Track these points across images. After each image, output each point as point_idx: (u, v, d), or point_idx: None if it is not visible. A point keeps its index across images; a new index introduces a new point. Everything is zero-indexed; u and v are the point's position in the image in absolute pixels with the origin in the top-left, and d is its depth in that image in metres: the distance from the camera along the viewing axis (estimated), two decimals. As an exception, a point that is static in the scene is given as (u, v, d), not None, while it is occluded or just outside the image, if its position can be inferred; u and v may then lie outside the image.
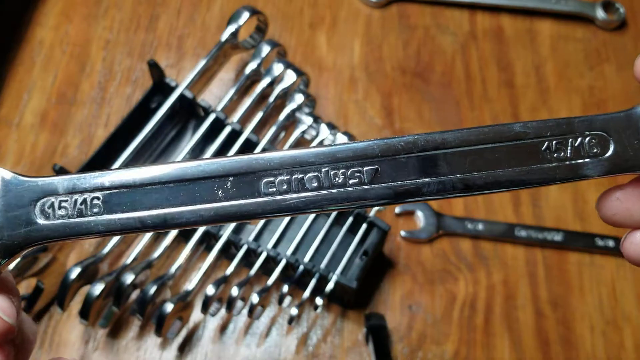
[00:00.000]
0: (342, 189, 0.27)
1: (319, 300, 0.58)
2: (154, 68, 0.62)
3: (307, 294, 0.58)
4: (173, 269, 0.55)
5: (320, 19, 0.78)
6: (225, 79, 0.72)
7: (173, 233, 0.57)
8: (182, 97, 0.62)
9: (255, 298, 0.56)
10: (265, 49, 0.66)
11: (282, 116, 0.64)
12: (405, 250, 0.65)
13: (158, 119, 0.60)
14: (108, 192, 0.27)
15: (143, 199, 0.27)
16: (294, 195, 0.27)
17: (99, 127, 0.67)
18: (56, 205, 0.27)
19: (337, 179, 0.27)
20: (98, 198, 0.27)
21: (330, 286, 0.57)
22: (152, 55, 0.72)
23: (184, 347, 0.59)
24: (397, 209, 0.66)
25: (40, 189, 0.27)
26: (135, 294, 0.57)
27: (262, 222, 0.61)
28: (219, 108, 0.63)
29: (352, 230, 0.62)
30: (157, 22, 0.75)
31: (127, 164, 0.57)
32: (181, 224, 0.27)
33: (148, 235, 0.57)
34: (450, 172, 0.27)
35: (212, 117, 0.62)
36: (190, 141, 0.61)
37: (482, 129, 0.28)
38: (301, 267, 0.58)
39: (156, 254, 0.56)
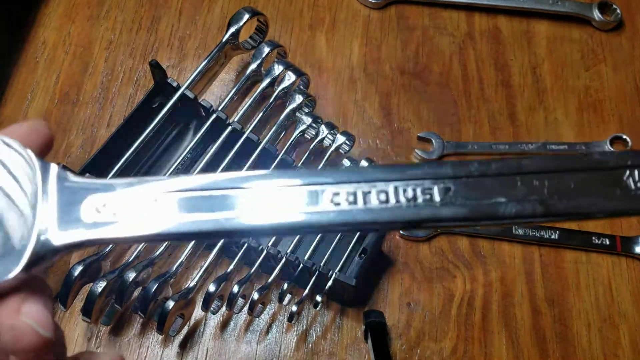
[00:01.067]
0: (411, 204, 0.26)
1: (318, 298, 0.59)
2: (156, 68, 0.62)
3: (306, 291, 0.59)
4: (174, 267, 0.56)
5: (319, 20, 0.79)
6: (226, 79, 0.73)
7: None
8: (183, 97, 0.62)
9: (255, 296, 0.57)
10: (266, 50, 0.66)
11: (282, 116, 0.65)
12: (403, 249, 0.66)
13: (159, 118, 0.61)
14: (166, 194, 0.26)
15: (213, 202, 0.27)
16: (360, 207, 0.26)
17: (101, 127, 0.68)
18: (109, 205, 0.26)
19: (406, 194, 0.26)
20: (157, 200, 0.26)
21: (329, 284, 0.58)
22: (154, 56, 0.73)
23: (186, 344, 0.59)
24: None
25: (94, 186, 0.27)
26: (137, 292, 0.57)
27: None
28: (220, 108, 0.63)
29: (352, 229, 0.62)
30: (159, 23, 0.75)
31: (129, 163, 0.58)
32: (240, 231, 0.27)
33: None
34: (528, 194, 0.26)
35: (213, 117, 0.62)
36: (191, 140, 0.62)
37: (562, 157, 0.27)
38: (301, 265, 0.58)
39: (158, 252, 0.57)
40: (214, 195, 0.27)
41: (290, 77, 0.66)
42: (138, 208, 0.26)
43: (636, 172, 0.26)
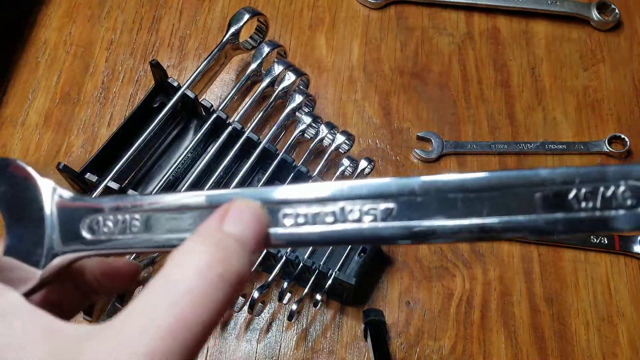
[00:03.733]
0: (356, 225, 0.27)
1: (318, 297, 0.59)
2: (157, 68, 0.63)
3: (306, 290, 0.59)
4: (175, 265, 0.56)
5: (319, 20, 0.79)
6: (226, 79, 0.73)
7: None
8: (184, 96, 0.63)
9: (255, 294, 0.57)
10: (266, 50, 0.67)
11: (282, 116, 0.65)
12: (403, 248, 0.66)
13: (160, 118, 0.61)
14: (146, 214, 0.29)
15: (176, 221, 0.29)
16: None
17: (102, 127, 0.68)
18: (101, 223, 0.29)
19: (352, 215, 0.27)
20: (137, 219, 0.29)
21: (329, 283, 0.58)
22: (154, 56, 0.73)
23: (186, 343, 0.60)
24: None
25: (90, 207, 0.29)
26: (138, 291, 0.58)
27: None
28: (220, 108, 0.64)
29: (351, 228, 0.63)
30: (160, 23, 0.76)
31: (129, 163, 0.58)
32: None
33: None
34: (466, 215, 0.26)
35: (213, 116, 0.63)
36: (192, 140, 0.62)
37: (508, 173, 0.27)
38: (301, 264, 0.59)
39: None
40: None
41: (290, 77, 0.66)
42: (127, 225, 0.29)
43: (583, 191, 0.26)
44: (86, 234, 0.29)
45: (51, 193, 0.29)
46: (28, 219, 0.29)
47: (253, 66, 0.67)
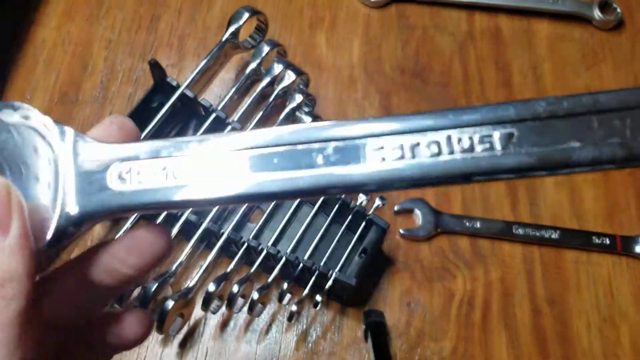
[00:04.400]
0: (469, 154, 0.23)
1: (318, 298, 0.59)
2: (155, 68, 0.62)
3: (306, 291, 0.59)
4: (174, 266, 0.56)
5: (319, 19, 0.78)
6: (226, 78, 0.73)
7: (174, 232, 0.57)
8: (183, 96, 0.62)
9: (255, 295, 0.57)
10: (265, 49, 0.66)
11: (282, 115, 0.65)
12: (403, 248, 0.66)
13: (159, 117, 0.61)
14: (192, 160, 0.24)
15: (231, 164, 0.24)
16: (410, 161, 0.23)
17: (100, 126, 0.68)
18: (135, 171, 0.25)
19: (461, 144, 0.23)
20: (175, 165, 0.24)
21: (329, 283, 0.58)
22: (153, 55, 0.73)
23: (185, 344, 0.59)
24: (396, 207, 0.67)
25: (118, 153, 0.25)
26: (136, 292, 0.57)
27: (262, 220, 0.61)
28: (220, 107, 0.63)
29: (351, 228, 0.62)
30: (158, 23, 0.75)
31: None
32: (273, 194, 0.24)
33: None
34: (605, 138, 0.22)
35: (213, 116, 0.62)
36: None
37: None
38: (301, 265, 0.58)
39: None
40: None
41: (290, 76, 0.66)
42: (160, 173, 0.25)
43: None
44: (115, 184, 0.24)
45: (67, 139, 0.25)
46: (33, 172, 0.24)
47: (253, 65, 0.66)
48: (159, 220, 0.57)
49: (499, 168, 0.23)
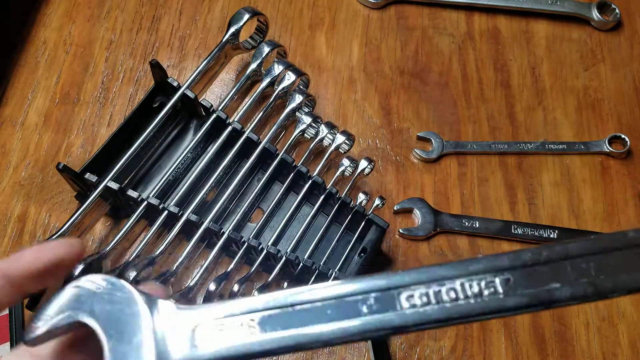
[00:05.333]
0: (479, 298, 0.29)
1: (318, 297, 0.59)
2: (156, 68, 0.62)
3: (306, 290, 0.59)
4: (175, 266, 0.56)
5: (319, 20, 0.79)
6: (226, 79, 0.73)
7: (175, 231, 0.58)
8: (183, 96, 0.63)
9: (255, 295, 0.57)
10: (266, 50, 0.67)
11: (282, 115, 0.65)
12: (403, 248, 0.66)
13: (160, 118, 0.61)
14: (262, 313, 0.29)
15: (294, 318, 0.29)
16: (435, 307, 0.29)
17: (102, 127, 0.68)
18: (215, 329, 0.29)
19: (472, 290, 0.29)
20: (253, 319, 0.29)
21: (329, 282, 0.58)
22: (154, 56, 0.73)
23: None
24: (395, 207, 0.67)
25: (197, 315, 0.30)
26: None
27: (262, 220, 0.62)
28: (220, 107, 0.64)
29: (351, 228, 0.63)
30: (159, 23, 0.76)
31: (129, 163, 0.58)
32: (330, 340, 0.29)
33: (150, 232, 0.57)
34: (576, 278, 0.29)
35: (213, 116, 0.63)
36: (192, 140, 0.62)
37: (601, 237, 0.30)
38: (301, 264, 0.59)
39: (158, 251, 0.57)
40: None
41: (290, 77, 0.66)
42: (240, 326, 0.29)
43: None
44: (201, 342, 0.28)
45: (157, 306, 0.29)
46: (129, 337, 0.29)
47: (253, 66, 0.66)
48: (159, 220, 0.58)
49: (502, 308, 0.28)
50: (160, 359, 0.28)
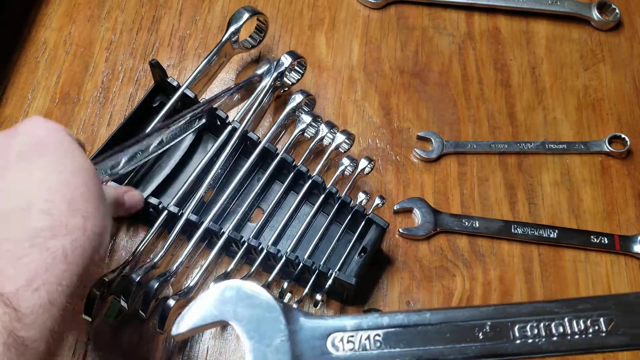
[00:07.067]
0: (583, 335, 0.32)
1: (318, 297, 0.59)
2: (156, 68, 0.62)
3: (307, 290, 0.59)
4: (175, 266, 0.56)
5: (319, 20, 0.79)
6: (226, 78, 0.73)
7: (175, 231, 0.58)
8: (183, 96, 0.63)
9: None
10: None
11: (282, 115, 0.65)
12: (403, 247, 0.66)
13: (160, 117, 0.61)
14: (386, 330, 0.33)
15: (416, 336, 0.33)
16: (543, 340, 0.32)
17: (102, 126, 0.68)
18: (345, 340, 0.33)
19: (579, 326, 0.32)
20: (379, 335, 0.33)
21: (329, 283, 0.58)
22: (154, 56, 0.73)
23: (186, 343, 0.60)
24: (395, 207, 0.67)
25: (330, 326, 0.33)
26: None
27: (262, 219, 0.62)
28: (220, 107, 0.64)
29: (351, 228, 0.63)
30: (159, 23, 0.76)
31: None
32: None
33: (150, 233, 0.57)
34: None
35: (213, 117, 0.63)
36: (192, 140, 0.62)
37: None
38: (301, 264, 0.59)
39: (159, 255, 0.57)
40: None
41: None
42: (366, 340, 0.33)
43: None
44: (332, 350, 0.32)
45: (292, 314, 0.33)
46: (269, 339, 0.32)
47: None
48: (159, 220, 0.58)
49: (604, 345, 0.32)
50: None
